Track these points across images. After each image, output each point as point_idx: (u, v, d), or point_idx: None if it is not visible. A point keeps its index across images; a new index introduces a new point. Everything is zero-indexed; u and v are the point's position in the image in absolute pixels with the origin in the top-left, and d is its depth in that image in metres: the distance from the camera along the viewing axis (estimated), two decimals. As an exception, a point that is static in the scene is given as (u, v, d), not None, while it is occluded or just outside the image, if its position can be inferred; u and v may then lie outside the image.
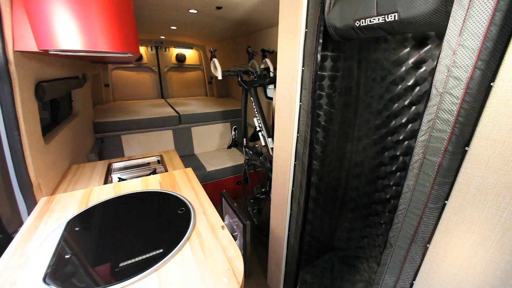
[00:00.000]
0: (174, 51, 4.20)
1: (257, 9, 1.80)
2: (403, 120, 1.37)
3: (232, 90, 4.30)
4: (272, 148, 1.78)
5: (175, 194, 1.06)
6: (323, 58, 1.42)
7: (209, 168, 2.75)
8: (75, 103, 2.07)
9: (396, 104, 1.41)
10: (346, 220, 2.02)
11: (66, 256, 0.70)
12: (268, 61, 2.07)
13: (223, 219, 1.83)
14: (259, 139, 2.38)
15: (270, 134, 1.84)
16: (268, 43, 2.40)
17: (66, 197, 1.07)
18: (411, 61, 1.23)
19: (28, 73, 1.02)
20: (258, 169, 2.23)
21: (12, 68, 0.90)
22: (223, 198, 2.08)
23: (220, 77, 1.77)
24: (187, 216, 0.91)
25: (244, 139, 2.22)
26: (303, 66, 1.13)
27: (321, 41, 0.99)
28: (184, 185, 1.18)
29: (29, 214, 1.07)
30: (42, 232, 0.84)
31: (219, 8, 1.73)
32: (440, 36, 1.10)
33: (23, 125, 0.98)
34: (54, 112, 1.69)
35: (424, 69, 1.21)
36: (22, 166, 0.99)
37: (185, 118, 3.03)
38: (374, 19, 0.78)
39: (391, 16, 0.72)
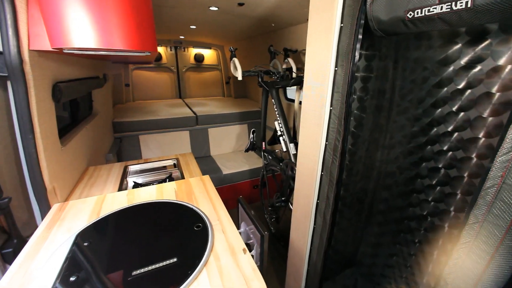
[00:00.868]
0: (193, 51, 4.19)
1: (281, 5, 1.69)
2: (449, 128, 1.20)
3: (250, 90, 4.21)
4: (294, 155, 1.66)
5: (191, 207, 0.97)
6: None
7: (225, 171, 2.68)
8: (95, 103, 2.07)
9: (440, 110, 1.24)
10: (372, 235, 1.85)
11: (72, 279, 0.63)
12: (290, 60, 1.95)
13: (238, 226, 1.74)
14: (279, 143, 2.26)
15: (292, 139, 1.72)
16: (290, 41, 2.27)
17: (78, 204, 1.02)
18: (464, 60, 1.06)
19: (44, 73, 0.98)
20: (277, 173, 2.12)
21: (27, 68, 0.86)
22: (239, 205, 1.99)
23: (240, 78, 1.67)
24: (204, 234, 0.82)
25: (263, 143, 2.11)
26: (336, 66, 1.00)
27: (360, 37, 0.86)
28: (201, 195, 1.09)
29: (42, 218, 1.03)
30: (50, 245, 0.79)
31: (241, 4, 1.64)
32: (505, 29, 0.92)
33: (38, 127, 0.94)
34: (74, 112, 1.69)
35: (479, 69, 1.04)
36: (36, 170, 0.95)
37: (202, 119, 2.98)
38: (435, 8, 0.63)
39: (461, 3, 0.58)
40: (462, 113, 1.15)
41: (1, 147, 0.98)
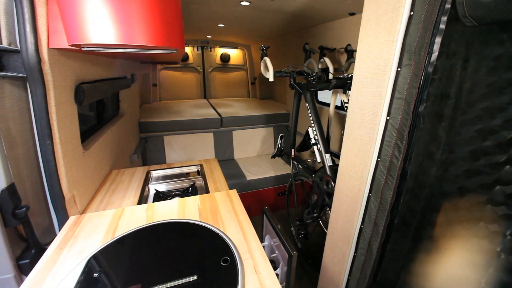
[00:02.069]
0: (219, 51, 4.13)
1: (320, -2, 1.50)
2: (546, 147, 0.93)
3: (276, 92, 4.05)
4: (330, 167, 1.46)
5: (217, 231, 0.84)
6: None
7: (249, 176, 2.54)
8: (122, 103, 2.05)
9: (529, 121, 0.97)
10: (418, 263, 1.59)
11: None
12: (327, 60, 1.75)
13: (262, 239, 1.58)
14: (308, 149, 2.07)
15: (328, 149, 1.52)
16: (326, 39, 2.07)
17: (94, 218, 0.94)
18: None
19: (66, 74, 0.91)
20: (305, 180, 1.94)
21: (46, 68, 0.78)
22: (264, 216, 1.83)
23: (271, 79, 1.52)
24: (233, 274, 0.66)
25: (293, 150, 1.93)
26: (399, 66, 0.80)
27: (442, 27, 0.66)
28: (228, 216, 0.95)
29: (60, 229, 0.97)
30: (59, 271, 0.69)
31: (275, -2, 1.48)
32: None
33: (57, 132, 0.87)
34: (100, 113, 1.65)
35: None
36: (54, 179, 0.89)
37: (227, 120, 2.88)
38: None
39: None
40: None
41: (23, 151, 0.93)
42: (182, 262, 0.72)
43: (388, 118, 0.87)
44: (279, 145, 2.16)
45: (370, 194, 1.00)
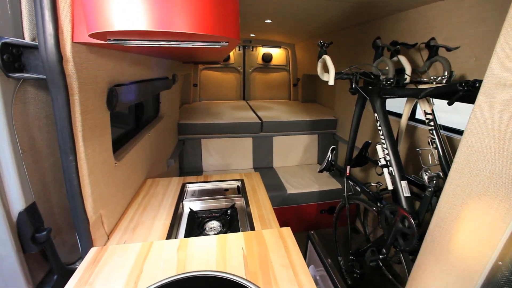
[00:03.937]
0: (261, 51, 3.93)
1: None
2: None
3: (322, 95, 3.69)
4: (407, 198, 1.11)
5: None
6: None
7: (290, 189, 2.27)
8: (162, 105, 1.96)
9: None
10: None
11: None
12: (403, 59, 1.38)
13: (304, 258, 1.29)
14: (362, 166, 1.72)
15: (405, 174, 1.17)
16: (398, 33, 1.68)
17: (117, 254, 0.77)
18: None
19: (97, 75, 0.76)
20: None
21: (69, 67, 0.63)
22: (309, 242, 1.55)
23: (331, 82, 1.23)
24: None
25: (348, 167, 1.61)
26: None
27: None
28: (285, 274, 0.70)
29: (83, 256, 0.83)
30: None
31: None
32: None
33: (82, 146, 0.72)
34: (139, 116, 1.56)
35: None
36: (77, 200, 0.75)
37: (268, 125, 2.64)
38: None
39: None
40: None
41: (50, 163, 0.81)
42: None
43: (560, 151, 0.53)
44: (329, 159, 1.84)
45: (501, 263, 0.65)
